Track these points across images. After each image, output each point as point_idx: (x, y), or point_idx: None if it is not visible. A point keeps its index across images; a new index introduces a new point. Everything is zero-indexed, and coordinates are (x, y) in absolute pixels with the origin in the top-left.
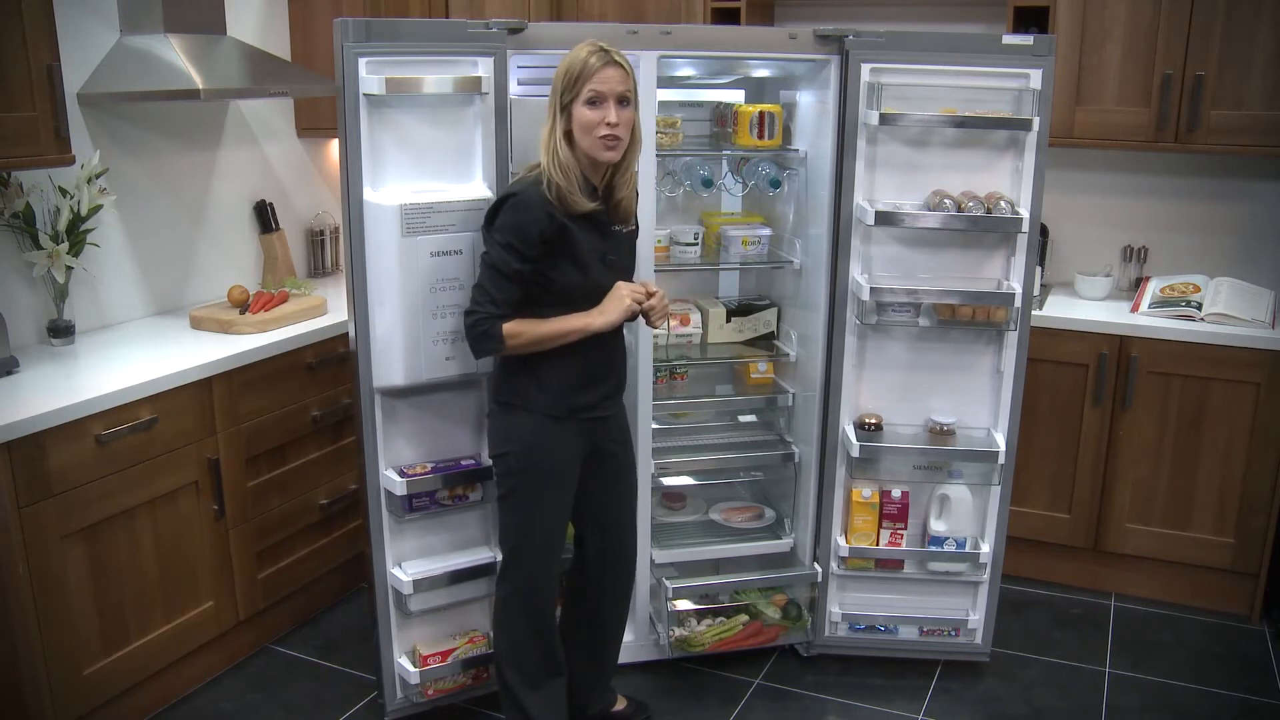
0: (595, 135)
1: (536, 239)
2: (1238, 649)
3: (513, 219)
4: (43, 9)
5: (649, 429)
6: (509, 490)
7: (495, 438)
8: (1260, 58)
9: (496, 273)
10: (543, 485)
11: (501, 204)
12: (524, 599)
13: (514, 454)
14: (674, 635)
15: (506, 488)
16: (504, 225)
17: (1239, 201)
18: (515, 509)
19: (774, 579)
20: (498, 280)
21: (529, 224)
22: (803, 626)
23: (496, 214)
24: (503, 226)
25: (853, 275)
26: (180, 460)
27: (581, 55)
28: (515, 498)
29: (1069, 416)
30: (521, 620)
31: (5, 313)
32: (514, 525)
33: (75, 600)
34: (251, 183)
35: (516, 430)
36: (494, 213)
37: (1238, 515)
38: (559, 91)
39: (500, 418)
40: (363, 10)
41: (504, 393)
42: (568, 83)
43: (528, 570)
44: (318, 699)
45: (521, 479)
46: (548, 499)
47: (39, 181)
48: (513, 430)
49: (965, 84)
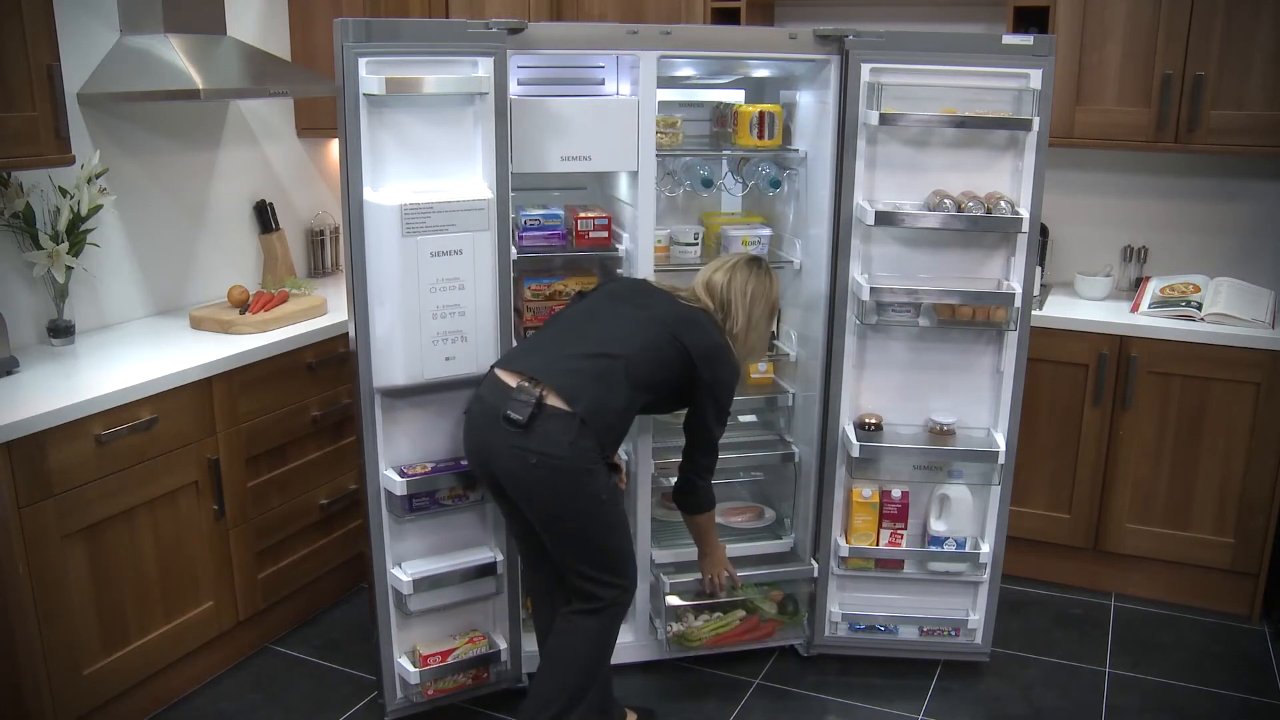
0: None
1: None
2: (1238, 649)
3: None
4: (43, 9)
5: (649, 429)
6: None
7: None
8: (1260, 58)
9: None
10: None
11: (735, 369)
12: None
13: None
14: (671, 630)
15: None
16: (733, 389)
17: (1239, 201)
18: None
19: (771, 574)
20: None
21: None
22: (799, 622)
23: (729, 371)
24: (732, 390)
25: (853, 275)
26: (180, 460)
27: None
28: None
29: (1069, 416)
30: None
31: (5, 313)
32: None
33: (75, 600)
34: (251, 183)
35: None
36: (730, 370)
37: (1238, 515)
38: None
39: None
40: (363, 10)
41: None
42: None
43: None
44: (318, 699)
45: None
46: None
47: (39, 181)
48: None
49: (965, 84)
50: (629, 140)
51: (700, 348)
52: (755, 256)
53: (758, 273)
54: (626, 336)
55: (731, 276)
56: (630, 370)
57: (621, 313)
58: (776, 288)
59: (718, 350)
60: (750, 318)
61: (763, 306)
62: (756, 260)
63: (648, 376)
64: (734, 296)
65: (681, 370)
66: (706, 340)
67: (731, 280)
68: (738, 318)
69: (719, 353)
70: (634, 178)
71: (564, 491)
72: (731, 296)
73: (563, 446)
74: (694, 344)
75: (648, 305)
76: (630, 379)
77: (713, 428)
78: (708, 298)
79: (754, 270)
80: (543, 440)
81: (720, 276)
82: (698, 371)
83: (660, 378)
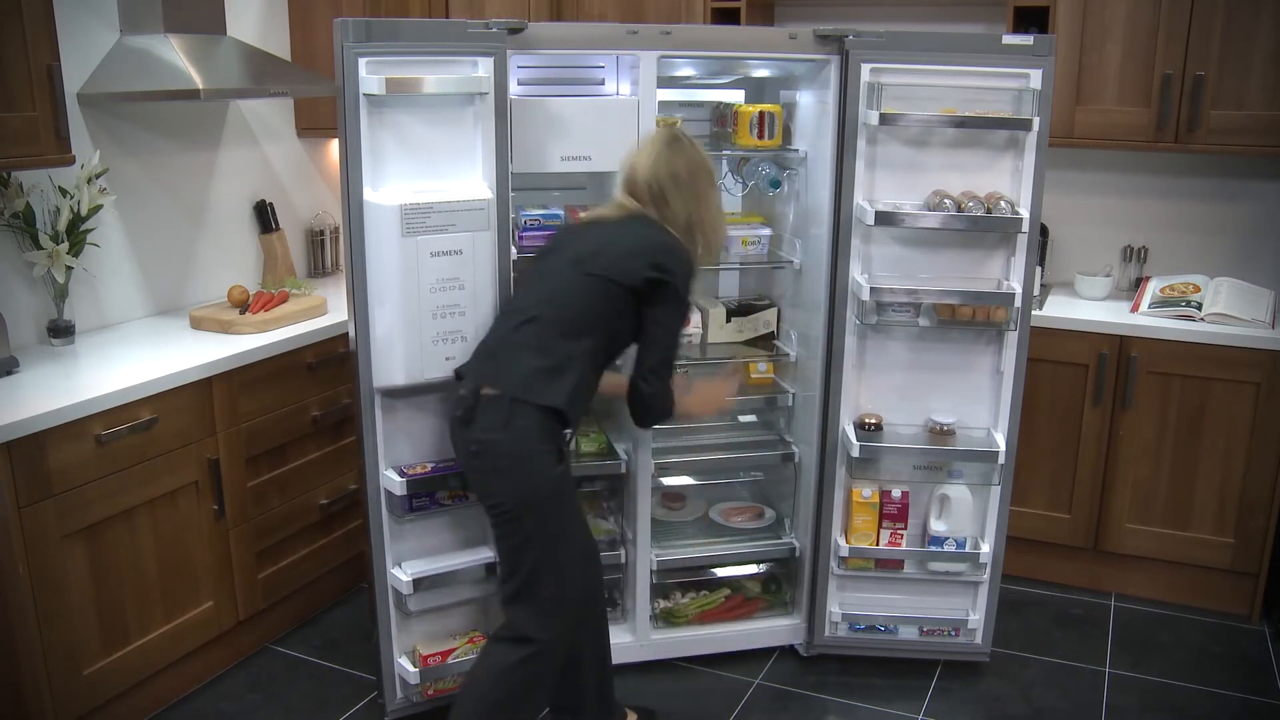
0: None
1: None
2: (1238, 649)
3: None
4: (43, 9)
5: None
6: (533, 527)
7: (528, 474)
8: (1260, 58)
9: (677, 339)
10: (578, 512)
11: (689, 265)
12: (550, 677)
13: (560, 477)
14: (659, 607)
15: (543, 521)
16: (691, 282)
17: (1239, 201)
18: (563, 539)
19: (754, 549)
20: (680, 345)
21: None
22: (782, 599)
23: (686, 275)
24: (688, 284)
25: (853, 275)
26: (180, 460)
27: None
28: (559, 528)
29: (1069, 416)
30: (555, 669)
31: (5, 313)
32: (556, 567)
33: (75, 600)
34: (251, 183)
35: (554, 448)
36: (684, 263)
37: (1238, 515)
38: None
39: (536, 445)
40: (363, 10)
41: (568, 402)
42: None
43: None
44: (318, 699)
45: (562, 508)
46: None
47: (39, 181)
48: (554, 455)
49: (965, 84)
50: (629, 140)
51: (621, 267)
52: (672, 133)
53: (677, 148)
54: (545, 293)
55: (655, 166)
56: (556, 325)
57: (542, 269)
58: (703, 154)
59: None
60: (692, 203)
61: (702, 183)
62: (675, 137)
63: (577, 320)
64: (665, 187)
65: (619, 297)
66: (632, 250)
67: (656, 171)
68: (678, 210)
69: (658, 254)
70: None
71: (505, 475)
72: (662, 188)
73: (498, 429)
74: (612, 267)
75: (564, 248)
76: (561, 332)
77: (670, 328)
78: (634, 200)
79: (674, 148)
80: (480, 428)
81: (644, 168)
82: (636, 284)
83: (596, 314)
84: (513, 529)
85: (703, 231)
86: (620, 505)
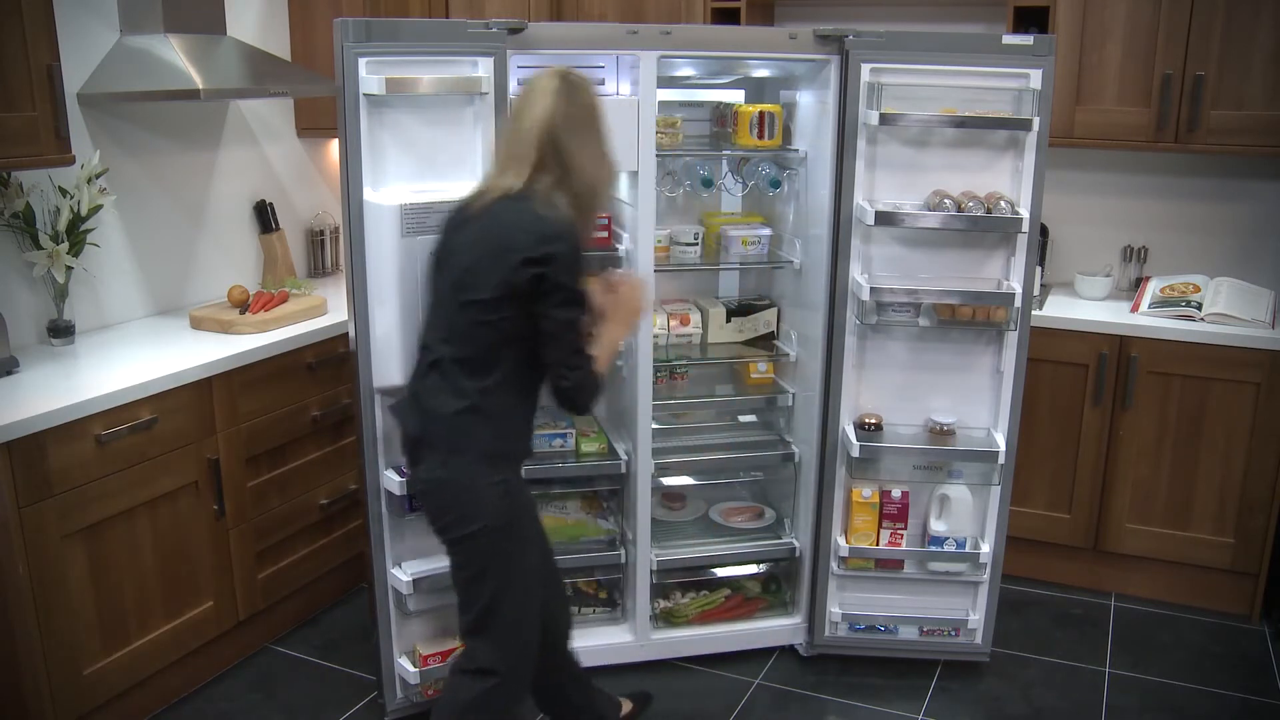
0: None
1: None
2: (1238, 649)
3: (582, 255)
4: (43, 9)
5: (649, 429)
6: (490, 558)
7: (469, 503)
8: (1260, 58)
9: (584, 320)
10: (535, 527)
11: (568, 239)
12: (526, 677)
13: (505, 508)
14: (660, 607)
15: (487, 555)
16: (580, 262)
17: (1239, 201)
18: (508, 573)
19: (754, 549)
20: (586, 326)
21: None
22: (782, 599)
23: (568, 253)
24: (580, 264)
25: (853, 275)
26: (180, 460)
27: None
28: (504, 562)
29: (1069, 416)
30: (518, 706)
31: (5, 313)
32: (513, 594)
33: (75, 600)
34: (251, 183)
35: (499, 480)
36: (562, 242)
37: (1238, 515)
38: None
39: (474, 473)
40: (363, 10)
41: (478, 441)
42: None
43: (531, 643)
44: (318, 699)
45: (511, 534)
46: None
47: (39, 181)
48: (495, 483)
49: (965, 84)
50: (629, 140)
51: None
52: (562, 75)
53: (570, 94)
54: (442, 329)
55: (546, 119)
56: (459, 366)
57: (433, 290)
58: (595, 96)
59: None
60: (586, 158)
61: (597, 131)
62: (564, 78)
63: (478, 356)
64: (559, 144)
65: (508, 315)
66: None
67: (548, 124)
68: (570, 168)
69: (529, 247)
70: (634, 178)
71: (453, 511)
72: (556, 146)
73: (439, 468)
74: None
75: (445, 262)
76: (468, 372)
77: (564, 318)
78: (505, 171)
79: (566, 94)
80: (425, 468)
81: (532, 121)
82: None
83: (493, 343)
84: (466, 560)
85: (597, 188)
86: (620, 505)
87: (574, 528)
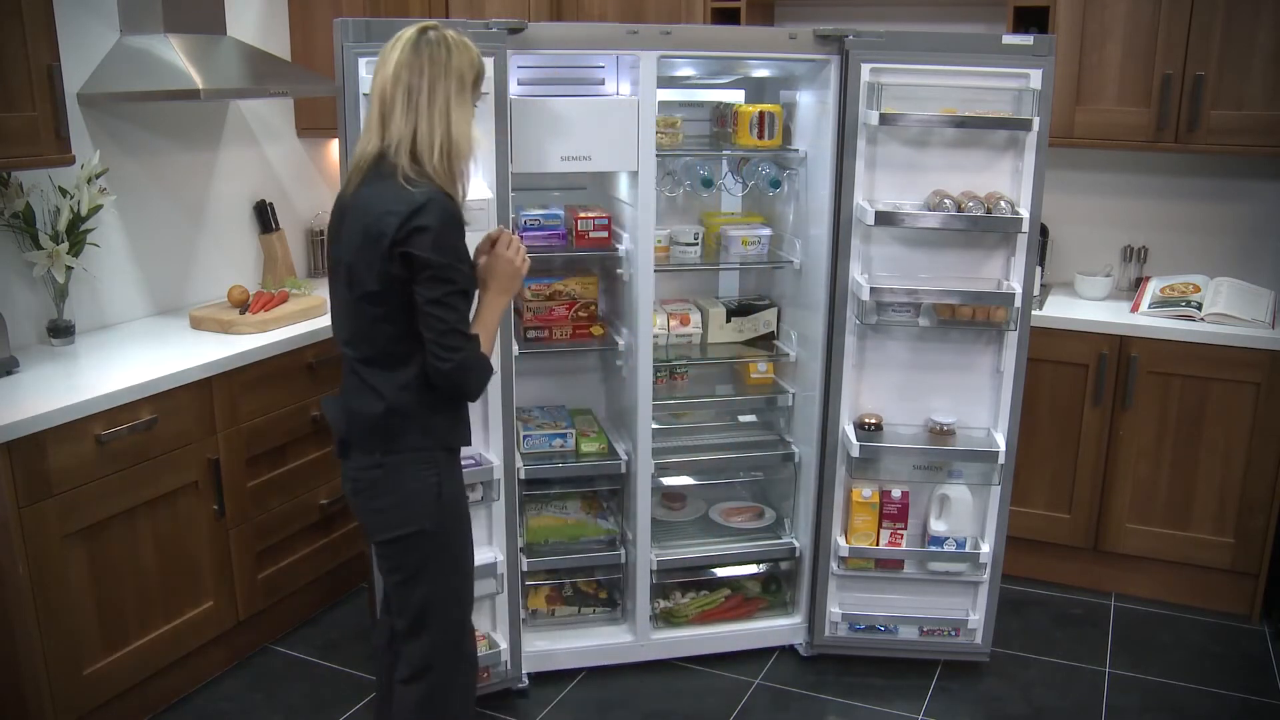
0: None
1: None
2: (1238, 649)
3: (454, 229)
4: (43, 9)
5: (649, 429)
6: (422, 561)
7: (394, 505)
8: (1260, 58)
9: (463, 297)
10: (466, 534)
11: (432, 211)
12: (467, 679)
13: (429, 512)
14: (659, 607)
15: (419, 559)
16: (452, 240)
17: (1239, 201)
18: (439, 576)
19: (754, 549)
20: (462, 305)
21: (463, 229)
22: (782, 599)
23: (433, 226)
24: (453, 243)
25: (853, 275)
26: (180, 460)
27: (478, 49)
28: (434, 564)
29: (1069, 416)
30: (466, 709)
31: (5, 313)
32: (443, 597)
33: (75, 600)
34: (251, 183)
35: (424, 484)
36: (426, 214)
37: (1238, 515)
38: (470, 84)
39: (397, 474)
40: (363, 10)
41: (395, 438)
42: (477, 77)
43: (465, 644)
44: (318, 699)
45: (440, 539)
46: (470, 549)
47: (39, 181)
48: (420, 485)
49: (965, 84)
50: (629, 140)
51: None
52: (420, 30)
53: (424, 49)
54: (348, 328)
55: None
56: (370, 363)
57: (332, 287)
58: (444, 54)
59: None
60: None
61: (453, 90)
62: (422, 34)
63: (385, 351)
64: (414, 100)
65: (400, 302)
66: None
67: (402, 81)
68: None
69: (396, 230)
70: (634, 178)
71: (383, 511)
72: (410, 101)
73: (371, 467)
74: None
75: (336, 255)
76: (380, 368)
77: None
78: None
79: (421, 49)
80: (355, 465)
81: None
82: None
83: (397, 337)
84: (398, 564)
85: (457, 142)
86: (620, 505)
87: (574, 528)
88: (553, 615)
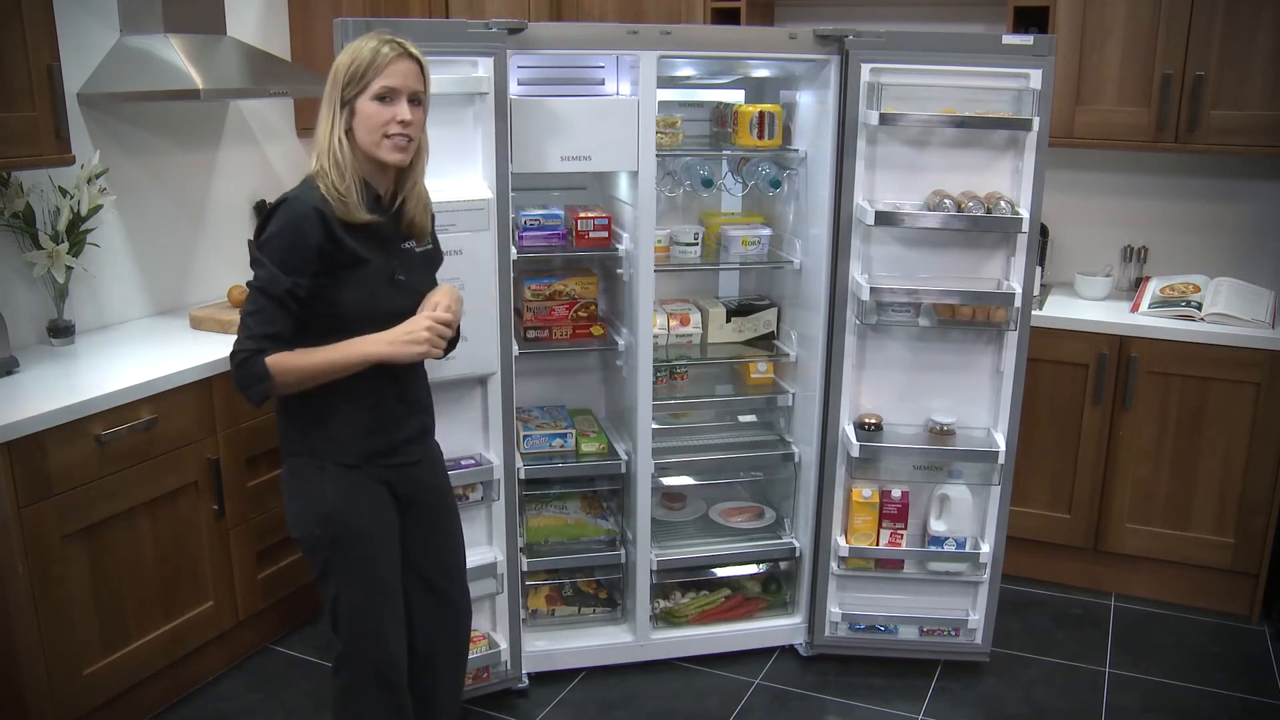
0: (383, 133)
1: (312, 253)
2: (1238, 649)
3: (285, 229)
4: (43, 9)
5: (649, 429)
6: (324, 565)
7: (293, 507)
8: (1260, 58)
9: (264, 296)
10: (363, 548)
11: (271, 213)
12: (377, 686)
13: (317, 519)
14: (660, 607)
15: (321, 562)
16: (274, 237)
17: (1239, 201)
18: (341, 583)
19: (754, 549)
20: (265, 306)
21: (303, 235)
22: (782, 599)
23: (265, 225)
24: (272, 239)
25: (853, 275)
26: (180, 460)
27: (372, 45)
28: (336, 572)
29: (1069, 416)
30: (377, 712)
31: (5, 313)
32: (347, 603)
33: (75, 600)
34: (251, 183)
35: (312, 490)
36: (263, 224)
37: (1238, 515)
38: (341, 84)
39: (292, 477)
40: (363, 10)
41: (290, 440)
42: (354, 74)
43: (372, 652)
44: (318, 699)
45: (336, 548)
46: (375, 562)
47: (39, 181)
48: (309, 492)
49: (965, 84)
50: (629, 140)
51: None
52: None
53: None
54: None
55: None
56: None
57: None
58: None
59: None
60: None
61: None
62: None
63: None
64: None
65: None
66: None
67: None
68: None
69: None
70: (634, 178)
71: (288, 512)
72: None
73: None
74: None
75: None
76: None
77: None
78: None
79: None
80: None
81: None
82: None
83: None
84: (310, 560)
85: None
86: (620, 505)
87: (574, 528)
88: (553, 615)
